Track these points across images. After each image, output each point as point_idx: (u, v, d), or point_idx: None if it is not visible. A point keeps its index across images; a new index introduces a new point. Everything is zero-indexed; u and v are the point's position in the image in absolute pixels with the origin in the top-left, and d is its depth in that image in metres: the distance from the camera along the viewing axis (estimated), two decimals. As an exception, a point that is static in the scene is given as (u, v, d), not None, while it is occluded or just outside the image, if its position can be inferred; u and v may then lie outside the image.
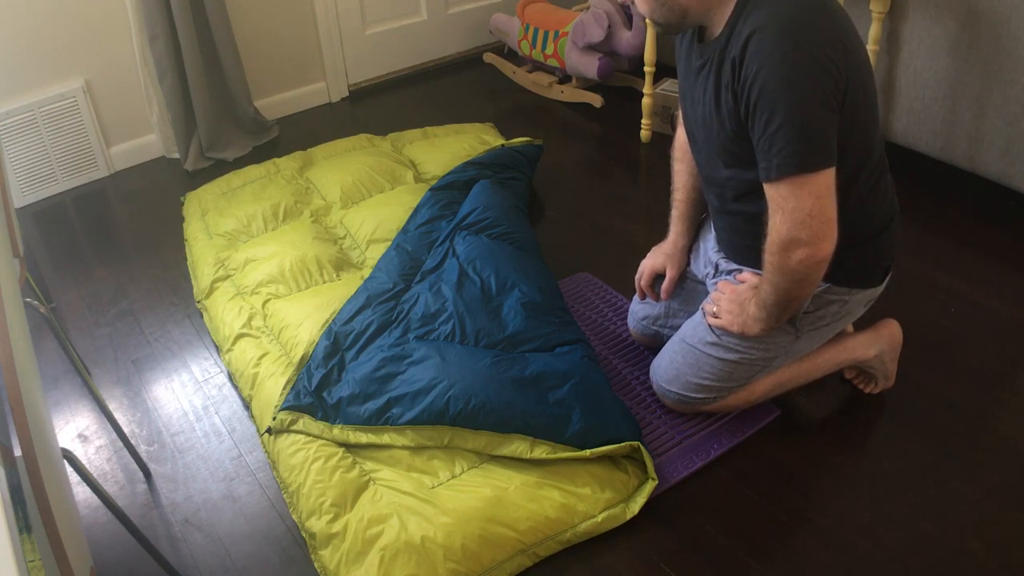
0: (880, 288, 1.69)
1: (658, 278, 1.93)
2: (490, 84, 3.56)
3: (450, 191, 2.48)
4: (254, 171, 2.82)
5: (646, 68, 2.89)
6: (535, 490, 1.61)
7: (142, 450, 1.88)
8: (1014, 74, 2.24)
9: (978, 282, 2.18)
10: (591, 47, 3.16)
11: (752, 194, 1.52)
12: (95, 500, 1.74)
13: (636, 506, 1.61)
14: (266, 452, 1.83)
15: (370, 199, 2.58)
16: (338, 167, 2.73)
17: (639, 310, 1.99)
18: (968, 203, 2.50)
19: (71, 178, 2.96)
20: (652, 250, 1.94)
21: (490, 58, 3.70)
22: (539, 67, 3.49)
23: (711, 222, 1.82)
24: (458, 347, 1.87)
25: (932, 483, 1.66)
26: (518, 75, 3.54)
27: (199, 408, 1.99)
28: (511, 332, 1.90)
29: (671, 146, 1.87)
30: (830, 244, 1.43)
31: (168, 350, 2.19)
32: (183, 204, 2.76)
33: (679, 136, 1.82)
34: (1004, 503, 1.61)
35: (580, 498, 1.61)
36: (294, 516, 1.67)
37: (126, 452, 1.85)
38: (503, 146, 2.80)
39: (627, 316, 2.06)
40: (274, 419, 1.79)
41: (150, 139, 3.09)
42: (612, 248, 2.45)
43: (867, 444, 1.76)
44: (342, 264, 2.30)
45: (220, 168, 2.99)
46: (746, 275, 1.68)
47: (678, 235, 1.89)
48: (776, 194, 1.41)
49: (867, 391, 1.86)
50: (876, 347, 1.79)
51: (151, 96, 2.97)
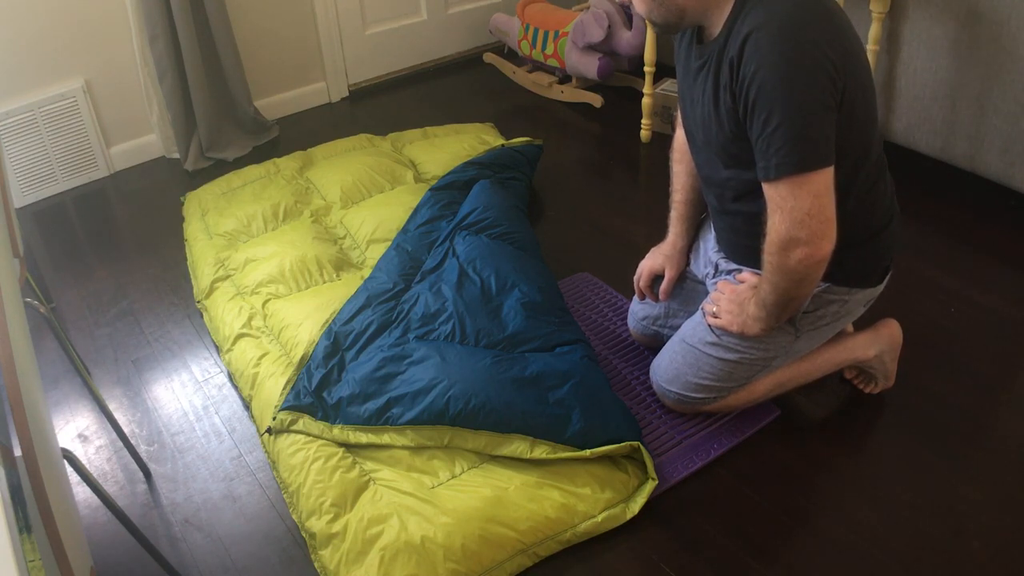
0: (880, 288, 1.69)
1: (657, 279, 1.92)
2: (490, 84, 3.56)
3: (450, 191, 2.48)
4: (254, 171, 2.82)
5: (646, 68, 2.89)
6: (535, 490, 1.61)
7: (142, 450, 1.88)
8: (1014, 74, 2.24)
9: (978, 282, 2.18)
10: (591, 47, 3.16)
11: (751, 194, 1.52)
12: (95, 500, 1.74)
13: (636, 506, 1.61)
14: (266, 452, 1.83)
15: (370, 199, 2.58)
16: (338, 167, 2.73)
17: (639, 310, 1.99)
18: (968, 203, 2.50)
19: (71, 178, 2.96)
20: (651, 251, 1.94)
21: (490, 58, 3.70)
22: (539, 67, 3.49)
23: (711, 222, 1.82)
24: (458, 347, 1.87)
25: (932, 483, 1.66)
26: (518, 75, 3.54)
27: (199, 408, 1.99)
28: (511, 332, 1.90)
29: (670, 147, 1.87)
30: (829, 243, 1.43)
31: (168, 350, 2.19)
32: (183, 204, 2.76)
33: (678, 137, 1.81)
34: (1004, 503, 1.61)
35: (580, 498, 1.61)
36: (294, 516, 1.67)
37: (126, 452, 1.85)
38: (503, 146, 2.80)
39: (627, 316, 2.06)
40: (274, 419, 1.79)
41: (150, 139, 3.09)
42: (612, 248, 2.45)
43: (867, 444, 1.76)
44: (342, 264, 2.30)
45: (220, 168, 2.99)
46: (746, 275, 1.68)
47: (677, 236, 1.88)
48: (775, 194, 1.42)
49: (867, 391, 1.86)
50: (876, 347, 1.79)
51: (151, 96, 2.97)
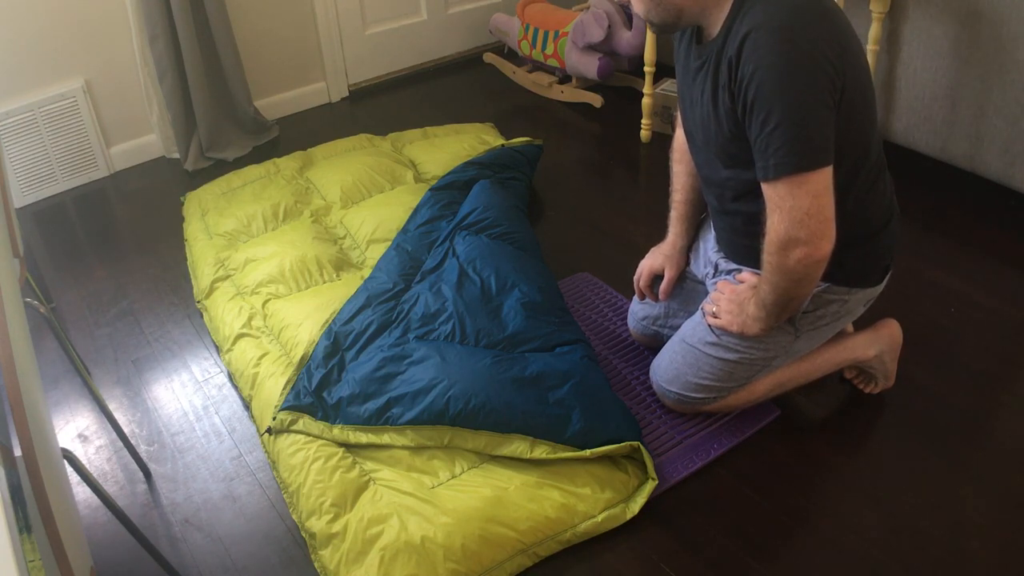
0: (880, 287, 1.69)
1: (657, 279, 1.92)
2: (490, 84, 3.56)
3: (450, 191, 2.48)
4: (254, 171, 2.82)
5: (646, 68, 2.89)
6: (535, 490, 1.61)
7: (142, 450, 1.88)
8: (1014, 74, 2.24)
9: (978, 282, 2.18)
10: (591, 47, 3.16)
11: (751, 194, 1.52)
12: (95, 500, 1.74)
13: (636, 506, 1.61)
14: (266, 452, 1.83)
15: (370, 199, 2.58)
16: (338, 167, 2.73)
17: (639, 310, 1.99)
18: (968, 203, 2.50)
19: (71, 178, 2.96)
20: (651, 251, 1.94)
21: (490, 58, 3.70)
22: (539, 67, 3.49)
23: (710, 222, 1.82)
24: (458, 347, 1.87)
25: (932, 483, 1.66)
26: (518, 75, 3.54)
27: (199, 408, 1.99)
28: (511, 332, 1.90)
29: (670, 147, 1.87)
30: (828, 243, 1.42)
31: (168, 350, 2.19)
32: (183, 204, 2.76)
33: (678, 137, 1.81)
34: (1004, 503, 1.61)
35: (580, 498, 1.61)
36: (294, 516, 1.67)
37: (126, 452, 1.85)
38: (503, 146, 2.80)
39: (627, 316, 2.06)
40: (274, 419, 1.79)
41: (150, 139, 3.09)
42: (612, 248, 2.45)
43: (867, 444, 1.76)
44: (342, 264, 2.30)
45: (220, 168, 2.99)
46: (745, 275, 1.68)
47: (677, 236, 1.88)
48: (774, 193, 1.41)
49: (867, 391, 1.86)
50: (876, 347, 1.79)
51: (151, 96, 2.98)
